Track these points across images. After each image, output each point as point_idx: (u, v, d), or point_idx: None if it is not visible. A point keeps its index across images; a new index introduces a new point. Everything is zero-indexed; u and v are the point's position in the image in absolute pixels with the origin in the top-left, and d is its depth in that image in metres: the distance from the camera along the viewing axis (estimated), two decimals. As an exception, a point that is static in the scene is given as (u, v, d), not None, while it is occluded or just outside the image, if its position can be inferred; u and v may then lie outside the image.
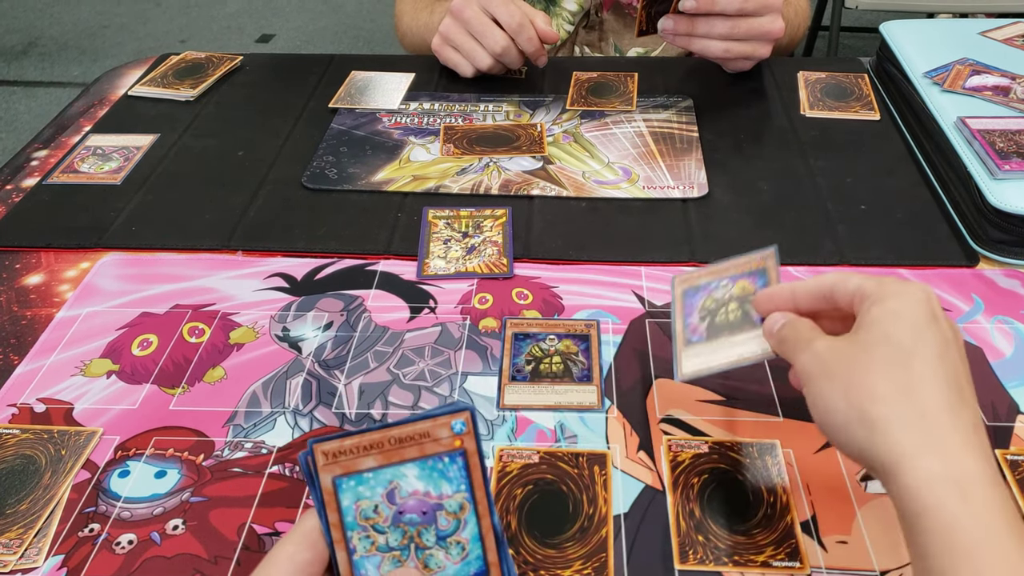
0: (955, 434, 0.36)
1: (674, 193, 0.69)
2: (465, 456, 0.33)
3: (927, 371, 0.37)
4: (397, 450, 0.33)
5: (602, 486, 0.46)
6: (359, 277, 0.62)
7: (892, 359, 0.38)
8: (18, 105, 2.54)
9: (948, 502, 0.34)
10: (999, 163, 0.62)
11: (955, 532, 0.33)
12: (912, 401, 0.37)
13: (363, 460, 0.33)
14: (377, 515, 0.34)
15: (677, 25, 0.77)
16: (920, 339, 0.38)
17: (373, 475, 0.33)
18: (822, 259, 0.62)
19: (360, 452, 0.33)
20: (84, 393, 0.53)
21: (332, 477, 0.33)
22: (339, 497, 0.33)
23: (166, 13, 3.05)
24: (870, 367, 0.38)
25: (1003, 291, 0.60)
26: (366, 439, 0.33)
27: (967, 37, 0.81)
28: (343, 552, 0.33)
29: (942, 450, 0.35)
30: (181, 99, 0.85)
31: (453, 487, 0.34)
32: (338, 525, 0.33)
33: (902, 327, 0.39)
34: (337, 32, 2.86)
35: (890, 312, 0.39)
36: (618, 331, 0.57)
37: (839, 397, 0.38)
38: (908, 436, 0.36)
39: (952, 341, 0.39)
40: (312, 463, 0.33)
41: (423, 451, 0.33)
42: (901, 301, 0.39)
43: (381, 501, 0.34)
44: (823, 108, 0.81)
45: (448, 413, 0.33)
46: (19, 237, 0.67)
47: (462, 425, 0.33)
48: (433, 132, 0.78)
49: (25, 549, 0.44)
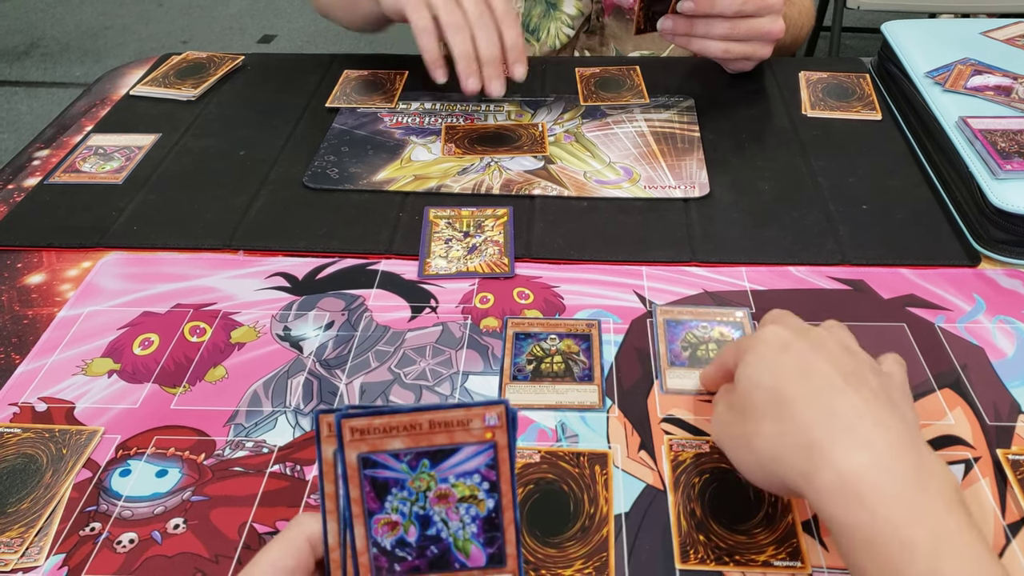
0: (836, 434, 0.38)
1: (675, 193, 0.69)
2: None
3: (794, 393, 0.40)
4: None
5: (603, 486, 0.46)
6: (360, 277, 0.62)
7: (765, 401, 0.41)
8: (20, 105, 2.54)
9: (844, 509, 0.36)
10: (1000, 163, 0.62)
11: (855, 533, 0.35)
12: (793, 426, 0.39)
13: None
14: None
15: (676, 25, 0.77)
16: (778, 372, 0.41)
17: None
18: (823, 259, 0.62)
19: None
20: (85, 392, 0.53)
21: (357, 454, 0.32)
22: (362, 474, 0.33)
23: (168, 14, 3.05)
24: (752, 417, 0.41)
25: (1005, 291, 0.60)
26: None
27: (969, 37, 0.81)
28: (362, 527, 0.33)
29: (830, 457, 0.37)
30: (183, 99, 0.85)
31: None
32: (359, 500, 0.33)
33: (760, 372, 0.42)
34: (338, 32, 2.86)
35: (747, 364, 0.43)
36: (619, 331, 0.57)
37: (745, 453, 0.42)
38: (801, 460, 0.38)
39: (810, 352, 0.41)
40: (339, 434, 0.32)
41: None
42: (753, 352, 0.43)
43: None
44: (824, 108, 0.81)
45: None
46: (21, 236, 0.67)
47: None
48: (434, 132, 0.78)
49: (26, 548, 0.44)
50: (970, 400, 0.51)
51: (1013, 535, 0.44)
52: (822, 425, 0.38)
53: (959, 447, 0.48)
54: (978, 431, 0.49)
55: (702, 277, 0.61)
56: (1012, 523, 0.44)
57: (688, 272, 0.62)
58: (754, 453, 0.41)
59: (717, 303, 0.59)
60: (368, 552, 0.33)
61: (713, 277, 0.61)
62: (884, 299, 0.59)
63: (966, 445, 0.48)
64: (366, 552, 0.33)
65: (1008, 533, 0.44)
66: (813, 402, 0.39)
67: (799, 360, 0.41)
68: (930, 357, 0.54)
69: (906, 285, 0.60)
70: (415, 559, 0.34)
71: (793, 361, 0.41)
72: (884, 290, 0.60)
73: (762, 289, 0.60)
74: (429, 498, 0.33)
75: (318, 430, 0.33)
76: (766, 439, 0.40)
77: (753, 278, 0.61)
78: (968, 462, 0.47)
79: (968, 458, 0.48)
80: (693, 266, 0.62)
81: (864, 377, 0.41)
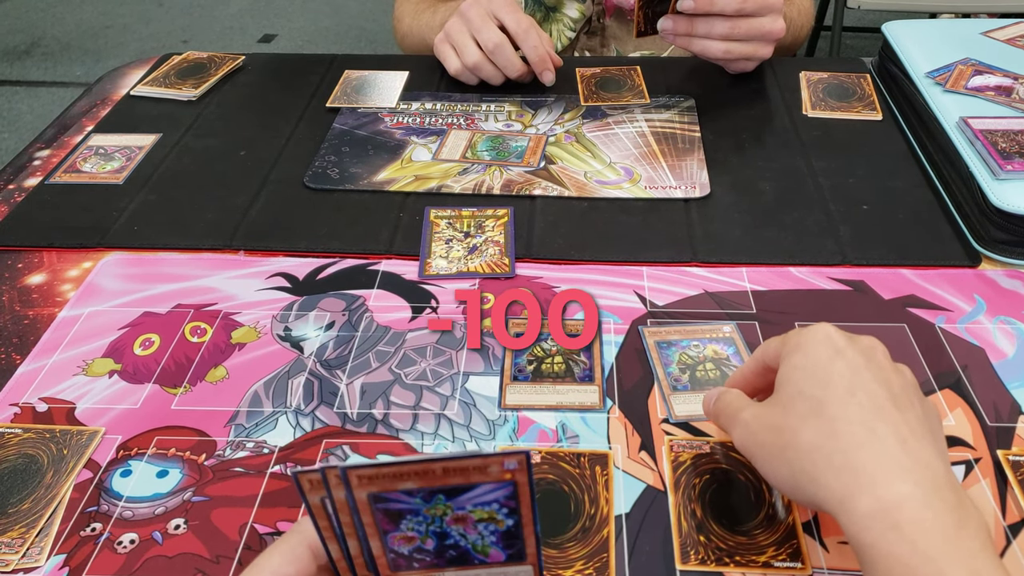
0: (880, 460, 0.36)
1: (676, 193, 0.69)
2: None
3: (839, 411, 0.38)
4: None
5: (604, 486, 0.46)
6: (361, 277, 0.62)
7: (807, 411, 0.39)
8: (21, 105, 2.54)
9: (881, 538, 0.35)
10: (1001, 163, 0.62)
11: (891, 563, 0.34)
12: (835, 445, 0.37)
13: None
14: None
15: (676, 25, 0.77)
16: (826, 382, 0.39)
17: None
18: (824, 260, 0.62)
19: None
20: (86, 393, 0.53)
21: (368, 493, 0.31)
22: (374, 507, 0.32)
23: (168, 13, 3.05)
24: (791, 425, 0.39)
25: (1005, 291, 0.60)
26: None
27: (969, 37, 0.81)
28: (377, 540, 0.32)
29: (870, 484, 0.36)
30: (183, 99, 0.85)
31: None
32: (372, 524, 0.32)
33: (807, 377, 0.40)
34: (339, 32, 2.86)
35: (794, 367, 0.41)
36: (620, 331, 0.57)
37: (779, 463, 0.39)
38: (839, 481, 0.37)
39: (863, 366, 0.40)
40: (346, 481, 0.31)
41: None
42: (802, 352, 0.41)
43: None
44: (825, 108, 0.81)
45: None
46: (21, 237, 0.67)
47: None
48: (435, 132, 0.78)
49: (27, 548, 0.44)
50: (970, 401, 0.51)
51: (1014, 536, 0.44)
52: (866, 448, 0.37)
53: (960, 448, 0.48)
54: (978, 432, 0.49)
55: (703, 277, 0.61)
56: (1012, 524, 0.44)
57: (689, 272, 0.62)
58: (788, 464, 0.39)
59: (718, 304, 0.59)
60: (385, 556, 0.33)
61: (714, 277, 0.61)
62: (885, 300, 0.59)
63: (966, 446, 0.48)
64: (383, 556, 0.33)
65: (1008, 534, 0.44)
66: (859, 422, 0.38)
67: (850, 372, 0.39)
68: (930, 358, 0.54)
69: (907, 286, 0.60)
70: (433, 559, 0.33)
71: (843, 372, 0.39)
72: (885, 291, 0.60)
73: (763, 289, 0.60)
74: (446, 520, 0.32)
75: (300, 488, 0.31)
76: (803, 452, 0.38)
77: (754, 278, 0.61)
78: (968, 463, 0.47)
79: (969, 459, 0.48)
80: (694, 266, 0.62)
81: (911, 401, 0.39)
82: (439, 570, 0.33)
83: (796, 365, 0.41)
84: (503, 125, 0.79)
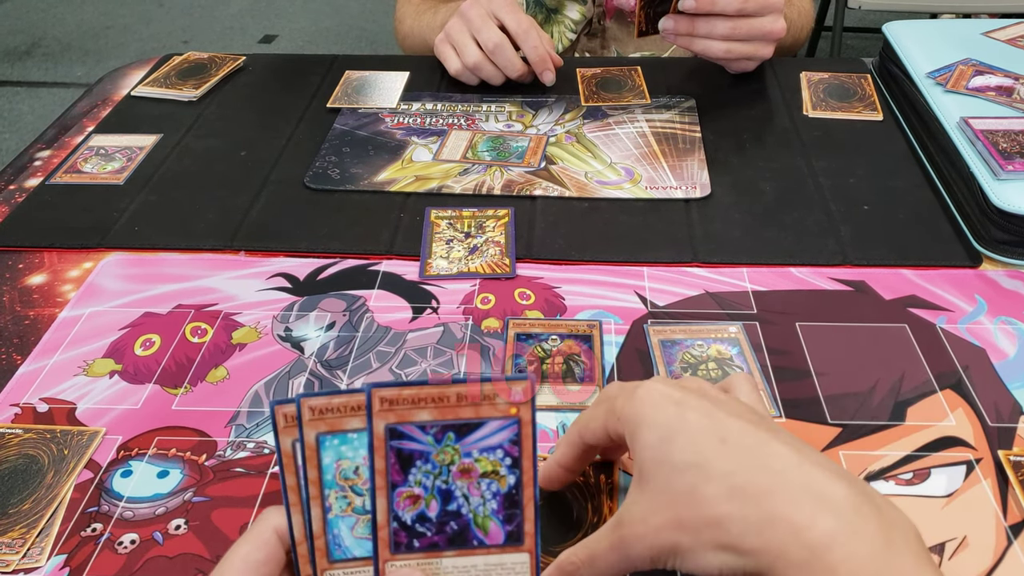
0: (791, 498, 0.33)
1: (676, 193, 0.69)
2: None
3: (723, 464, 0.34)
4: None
5: (607, 494, 0.45)
6: (361, 277, 0.62)
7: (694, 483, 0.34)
8: (21, 105, 2.54)
9: None
10: (1002, 163, 0.62)
11: None
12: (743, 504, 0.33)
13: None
14: (356, 476, 0.34)
15: (678, 25, 0.77)
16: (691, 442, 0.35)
17: (357, 436, 0.33)
18: (824, 260, 0.62)
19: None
20: (87, 393, 0.53)
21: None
22: (320, 454, 0.33)
23: (169, 14, 3.05)
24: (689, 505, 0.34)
25: (1006, 292, 0.60)
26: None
27: (970, 37, 0.81)
28: (318, 509, 0.33)
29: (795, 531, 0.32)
30: (184, 99, 0.85)
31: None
32: (316, 482, 0.33)
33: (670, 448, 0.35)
34: (340, 33, 2.86)
35: (649, 447, 0.36)
36: (620, 331, 0.57)
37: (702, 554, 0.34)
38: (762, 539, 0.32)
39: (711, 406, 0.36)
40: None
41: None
42: (647, 425, 0.36)
43: (363, 463, 0.33)
44: (826, 108, 0.81)
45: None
46: (22, 237, 0.67)
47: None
48: (436, 132, 0.78)
49: (28, 549, 0.44)
50: (971, 401, 0.51)
51: (1015, 536, 0.43)
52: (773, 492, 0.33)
53: (960, 448, 0.48)
54: (979, 432, 0.49)
55: (703, 278, 0.61)
56: (1013, 524, 0.44)
57: (689, 273, 0.62)
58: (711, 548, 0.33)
59: (719, 304, 0.59)
60: (388, 527, 0.33)
61: (714, 278, 0.61)
62: (885, 300, 0.59)
63: (967, 446, 0.48)
64: (386, 527, 0.33)
65: (1010, 534, 0.44)
66: (749, 466, 0.34)
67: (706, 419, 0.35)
68: (931, 358, 0.54)
69: (907, 286, 0.60)
70: (434, 535, 0.34)
71: (700, 421, 0.35)
72: (885, 291, 0.60)
73: (763, 290, 0.60)
74: (452, 472, 0.33)
75: (275, 421, 0.33)
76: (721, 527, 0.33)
77: (754, 279, 0.61)
78: (969, 463, 0.47)
79: (969, 459, 0.48)
80: (694, 267, 0.62)
81: (760, 414, 0.37)
82: (438, 553, 0.34)
83: (650, 444, 0.36)
84: (504, 125, 0.79)
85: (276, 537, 0.34)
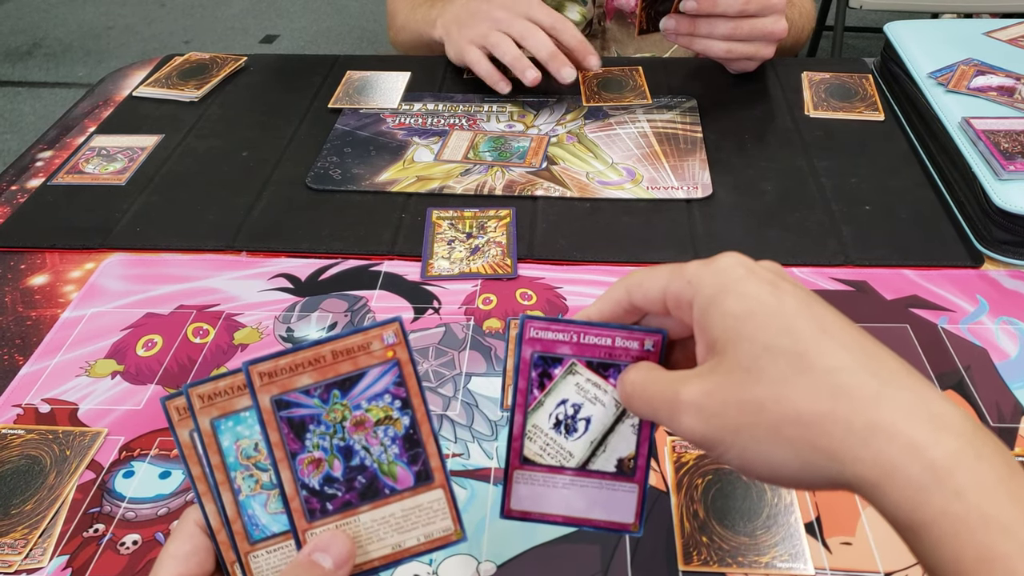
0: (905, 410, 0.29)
1: (678, 194, 0.69)
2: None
3: (827, 359, 0.30)
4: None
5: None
6: (363, 278, 0.62)
7: (787, 370, 0.30)
8: (23, 106, 2.54)
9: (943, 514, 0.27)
10: (1004, 163, 0.62)
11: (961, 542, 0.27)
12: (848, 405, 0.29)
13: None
14: (258, 453, 0.34)
15: (679, 25, 0.77)
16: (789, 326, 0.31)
17: (249, 414, 0.33)
18: (826, 260, 0.62)
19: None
20: (89, 393, 0.53)
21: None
22: (218, 439, 0.33)
23: (170, 14, 3.05)
24: (773, 394, 0.30)
25: (1008, 292, 0.60)
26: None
27: (972, 37, 0.81)
28: (228, 493, 0.34)
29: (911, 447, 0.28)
30: (185, 100, 0.85)
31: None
32: (220, 466, 0.34)
33: (763, 326, 0.31)
34: (341, 33, 2.86)
35: (736, 317, 0.31)
36: (622, 332, 0.57)
37: (772, 446, 0.30)
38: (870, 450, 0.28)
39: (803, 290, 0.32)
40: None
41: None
42: (735, 295, 0.32)
43: (261, 439, 0.34)
44: (827, 108, 0.80)
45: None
46: (24, 238, 0.67)
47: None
48: (437, 133, 0.78)
49: (30, 549, 0.44)
50: (973, 401, 0.51)
51: (1016, 537, 0.43)
52: (884, 400, 0.29)
53: (962, 448, 0.48)
54: (981, 432, 0.49)
55: (705, 278, 0.61)
56: (1015, 525, 0.44)
57: (691, 273, 0.62)
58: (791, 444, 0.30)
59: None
60: (298, 496, 0.34)
61: (716, 278, 0.61)
62: (887, 300, 0.59)
63: (969, 446, 0.48)
64: (296, 497, 0.34)
65: (1011, 535, 0.44)
66: (856, 367, 0.30)
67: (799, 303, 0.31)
68: (933, 358, 0.54)
69: (909, 286, 0.60)
70: (345, 494, 0.34)
71: (795, 306, 0.31)
72: (887, 291, 0.60)
73: (765, 290, 0.60)
74: (346, 427, 0.34)
75: (169, 418, 0.33)
76: (807, 424, 0.29)
77: (756, 279, 0.61)
78: (971, 463, 0.47)
79: (971, 459, 0.48)
80: (696, 267, 0.62)
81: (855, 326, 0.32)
82: (354, 511, 0.34)
83: (736, 314, 0.31)
84: (505, 126, 0.79)
85: (198, 529, 0.35)
